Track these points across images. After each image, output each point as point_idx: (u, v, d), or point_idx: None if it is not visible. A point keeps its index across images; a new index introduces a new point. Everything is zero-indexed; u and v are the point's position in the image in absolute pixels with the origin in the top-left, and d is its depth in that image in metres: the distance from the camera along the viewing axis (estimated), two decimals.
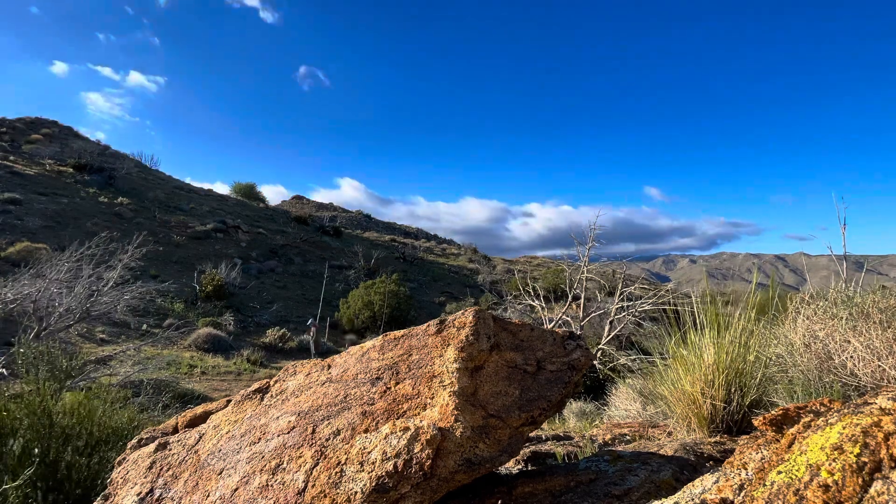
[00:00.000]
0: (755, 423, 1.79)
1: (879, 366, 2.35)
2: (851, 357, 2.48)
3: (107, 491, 2.41)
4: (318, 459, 1.78)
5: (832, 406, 1.69)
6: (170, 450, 2.45)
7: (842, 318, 2.66)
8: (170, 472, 2.24)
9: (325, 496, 1.63)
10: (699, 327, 2.86)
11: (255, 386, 2.68)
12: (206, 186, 42.48)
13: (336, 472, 1.69)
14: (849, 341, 2.54)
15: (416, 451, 1.65)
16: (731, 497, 1.37)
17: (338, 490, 1.63)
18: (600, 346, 8.78)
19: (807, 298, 3.10)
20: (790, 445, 1.43)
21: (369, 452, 1.70)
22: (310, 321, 15.82)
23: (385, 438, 1.73)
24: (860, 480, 1.12)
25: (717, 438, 2.61)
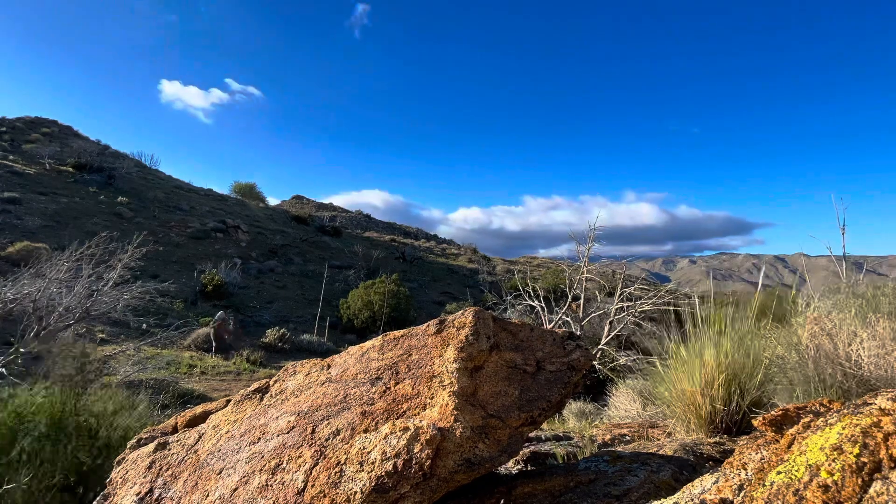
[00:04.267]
0: (755, 423, 1.79)
1: (885, 357, 2.35)
2: (857, 349, 2.48)
3: (106, 491, 2.41)
4: (317, 459, 1.78)
5: (832, 406, 1.69)
6: (169, 450, 2.45)
7: (851, 310, 2.66)
8: (169, 472, 2.24)
9: (325, 496, 1.63)
10: (699, 327, 2.86)
11: (255, 386, 2.68)
12: (205, 186, 42.48)
13: (335, 472, 1.69)
14: (856, 332, 2.54)
15: (415, 451, 1.65)
16: (730, 497, 1.37)
17: (337, 490, 1.63)
18: (600, 347, 8.78)
19: (816, 296, 3.10)
20: (790, 446, 1.43)
21: (369, 452, 1.70)
22: (219, 313, 14.47)
23: (385, 438, 1.73)
24: (860, 481, 1.12)
25: (717, 439, 2.61)
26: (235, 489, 1.85)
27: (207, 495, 1.92)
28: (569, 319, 9.77)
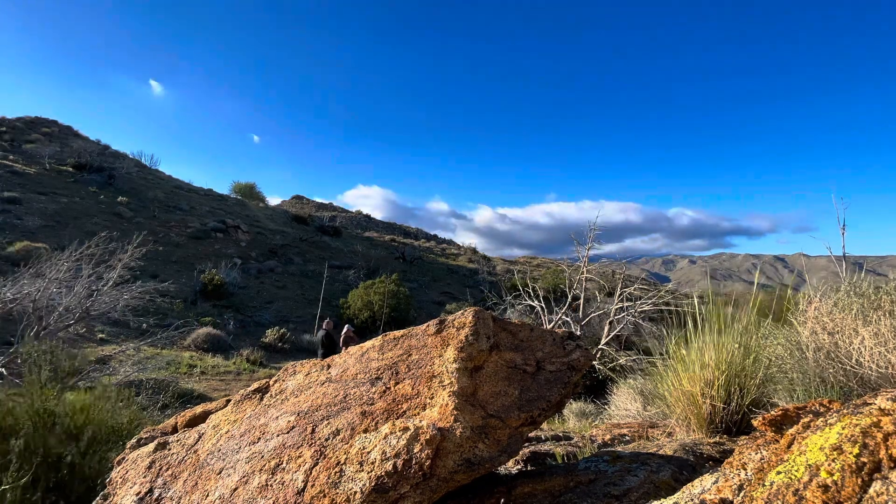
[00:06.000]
0: (755, 423, 1.79)
1: (885, 355, 2.35)
2: (858, 347, 2.48)
3: (106, 490, 2.41)
4: (317, 459, 1.78)
5: (831, 406, 1.69)
6: (169, 449, 2.45)
7: (853, 309, 2.66)
8: (169, 472, 2.24)
9: (325, 496, 1.63)
10: (699, 327, 2.87)
11: (255, 386, 2.68)
12: (205, 186, 42.49)
13: (335, 472, 1.69)
14: (857, 331, 2.54)
15: (415, 451, 1.65)
16: (730, 497, 1.37)
17: (337, 490, 1.63)
18: (600, 347, 8.78)
19: (818, 295, 3.10)
20: (789, 446, 1.43)
21: (369, 452, 1.70)
22: (326, 319, 14.79)
23: (385, 438, 1.73)
24: (859, 481, 1.12)
25: (717, 439, 2.61)
26: (235, 489, 1.85)
27: (207, 495, 1.92)
28: (569, 319, 9.77)
